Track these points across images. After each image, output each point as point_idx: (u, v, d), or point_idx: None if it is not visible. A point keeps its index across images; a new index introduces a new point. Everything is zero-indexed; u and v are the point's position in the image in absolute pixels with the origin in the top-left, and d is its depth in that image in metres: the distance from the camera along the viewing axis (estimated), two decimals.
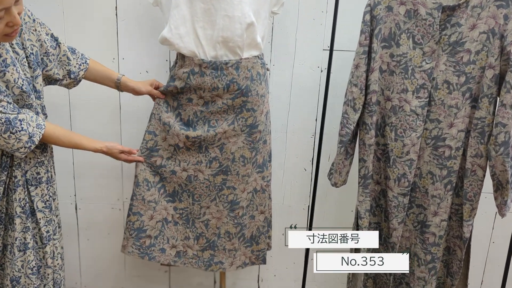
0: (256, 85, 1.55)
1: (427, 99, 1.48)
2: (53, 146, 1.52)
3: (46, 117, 1.51)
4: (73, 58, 1.51)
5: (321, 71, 1.94)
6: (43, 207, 1.46)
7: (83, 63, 1.54)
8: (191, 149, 1.63)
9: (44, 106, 1.46)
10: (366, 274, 1.73)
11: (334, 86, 1.94)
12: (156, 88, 1.65)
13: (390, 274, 1.67)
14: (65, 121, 1.99)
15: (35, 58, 1.37)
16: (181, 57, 1.55)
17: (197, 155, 1.63)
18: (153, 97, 1.67)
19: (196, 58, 1.51)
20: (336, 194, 2.09)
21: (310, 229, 1.84)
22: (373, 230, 1.70)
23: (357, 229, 1.66)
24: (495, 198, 1.48)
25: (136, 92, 1.63)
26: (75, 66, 1.52)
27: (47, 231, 1.49)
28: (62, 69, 1.49)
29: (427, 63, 1.45)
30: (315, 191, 1.77)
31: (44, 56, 1.42)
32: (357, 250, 1.71)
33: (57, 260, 1.57)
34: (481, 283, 2.22)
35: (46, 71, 1.44)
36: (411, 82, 1.48)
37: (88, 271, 2.20)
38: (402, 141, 1.52)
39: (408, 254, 1.66)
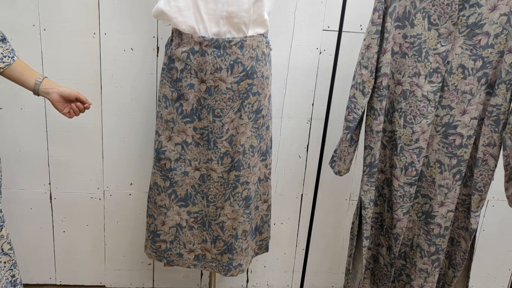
0: (261, 66, 1.42)
1: (440, 84, 1.40)
2: None
3: None
4: None
5: (320, 52, 1.84)
6: None
7: (7, 57, 1.27)
8: (200, 144, 1.49)
9: None
10: (364, 265, 1.67)
11: (331, 69, 1.85)
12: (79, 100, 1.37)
13: (391, 266, 1.61)
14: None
15: None
16: (178, 34, 1.39)
17: (206, 152, 1.50)
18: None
19: (196, 35, 1.36)
20: (329, 182, 2.01)
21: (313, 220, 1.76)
22: (375, 220, 1.64)
23: (360, 220, 1.59)
24: (506, 189, 1.43)
25: (63, 95, 1.33)
26: None
27: None
28: None
29: (442, 46, 1.37)
30: (318, 179, 1.68)
31: None
32: (359, 233, 1.64)
33: None
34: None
35: None
36: (424, 65, 1.40)
37: (63, 266, 2.04)
38: (412, 128, 1.45)
39: (411, 245, 1.61)
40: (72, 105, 1.36)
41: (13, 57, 1.29)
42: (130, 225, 2.00)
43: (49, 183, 1.91)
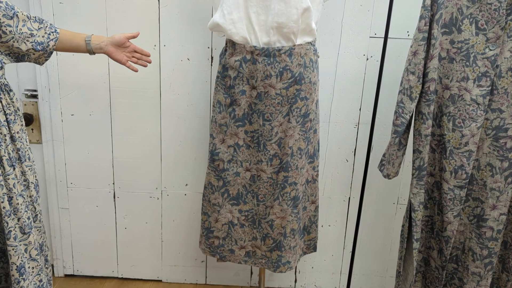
0: (309, 72, 1.50)
1: (489, 88, 1.41)
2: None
3: (10, 96, 1.33)
4: (39, 28, 1.32)
5: (367, 59, 1.88)
6: None
7: (52, 32, 1.35)
8: (251, 146, 1.59)
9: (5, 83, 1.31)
10: (415, 268, 1.68)
11: (377, 75, 1.88)
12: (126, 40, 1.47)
13: (443, 268, 1.62)
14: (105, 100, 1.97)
15: None
16: (231, 44, 1.50)
17: (257, 154, 1.59)
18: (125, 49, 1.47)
19: (248, 45, 1.46)
20: (376, 186, 2.04)
21: (356, 223, 1.81)
22: (425, 223, 1.65)
23: (410, 223, 1.61)
24: None
25: (114, 42, 1.43)
26: (42, 36, 1.33)
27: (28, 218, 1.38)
28: (25, 42, 1.30)
29: (490, 50, 1.38)
30: (365, 182, 1.72)
31: None
32: (409, 236, 1.66)
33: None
34: None
35: (1, 42, 1.27)
36: (473, 70, 1.41)
37: (125, 260, 2.20)
38: (461, 131, 1.46)
39: (462, 248, 1.61)
40: (128, 54, 1.47)
41: (56, 30, 1.35)
42: (185, 223, 2.13)
43: (113, 183, 2.08)
